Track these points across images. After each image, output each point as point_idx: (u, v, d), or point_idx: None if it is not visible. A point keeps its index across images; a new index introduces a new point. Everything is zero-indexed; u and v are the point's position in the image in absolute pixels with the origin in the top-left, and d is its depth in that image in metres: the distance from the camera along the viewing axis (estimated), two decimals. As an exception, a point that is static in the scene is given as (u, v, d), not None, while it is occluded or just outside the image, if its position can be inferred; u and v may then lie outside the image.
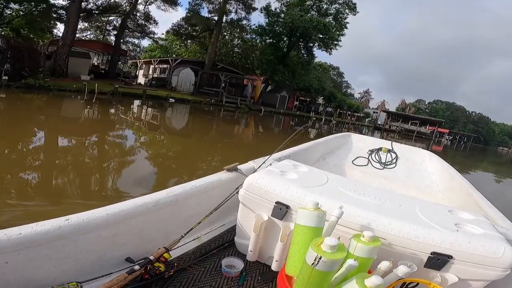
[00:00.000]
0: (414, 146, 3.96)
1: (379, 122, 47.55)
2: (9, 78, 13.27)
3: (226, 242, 1.63)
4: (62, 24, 21.26)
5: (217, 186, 1.69)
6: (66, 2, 20.96)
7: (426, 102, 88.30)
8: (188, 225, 1.46)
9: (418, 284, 1.10)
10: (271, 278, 1.39)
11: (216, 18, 29.67)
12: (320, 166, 2.93)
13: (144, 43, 44.91)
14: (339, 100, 47.21)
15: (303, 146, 2.97)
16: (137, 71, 35.31)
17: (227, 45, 35.64)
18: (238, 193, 1.48)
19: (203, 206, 1.60)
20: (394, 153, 3.54)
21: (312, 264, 0.93)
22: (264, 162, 1.93)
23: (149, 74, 31.20)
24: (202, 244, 1.60)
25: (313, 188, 1.40)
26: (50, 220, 1.07)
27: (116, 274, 1.15)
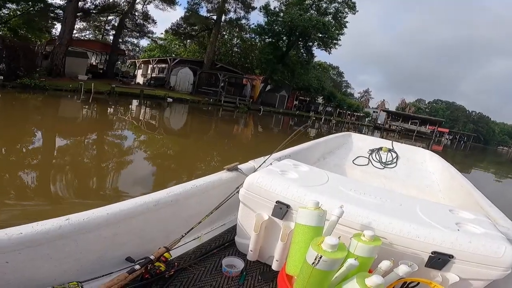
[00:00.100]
0: (414, 145, 3.96)
1: (379, 122, 47.49)
2: (4, 78, 13.15)
3: (226, 242, 1.63)
4: (60, 23, 21.02)
5: (217, 186, 1.69)
6: (63, 2, 20.76)
7: (426, 102, 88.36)
8: (188, 224, 1.46)
9: (418, 283, 1.10)
10: (272, 278, 1.39)
11: (215, 17, 29.46)
12: (320, 166, 2.93)
13: (143, 43, 44.78)
14: (339, 99, 47.08)
15: (304, 146, 2.97)
16: (135, 71, 35.00)
17: (226, 44, 35.35)
18: (238, 192, 1.48)
19: (204, 205, 1.60)
20: (395, 152, 3.54)
21: (312, 263, 0.93)
22: (264, 162, 1.93)
23: (147, 73, 30.89)
24: (203, 243, 1.60)
25: (313, 187, 1.40)
26: (51, 219, 1.07)
27: (116, 273, 1.15)
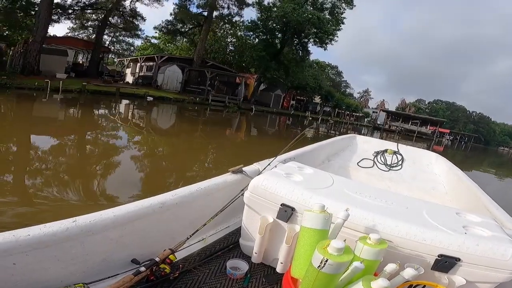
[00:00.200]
0: (415, 146, 3.95)
1: (379, 122, 47.39)
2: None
3: (231, 244, 1.63)
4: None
5: (222, 188, 1.70)
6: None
7: (426, 102, 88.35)
8: (193, 226, 1.47)
9: (425, 286, 1.10)
10: (276, 280, 1.39)
11: (205, 13, 28.40)
12: (325, 168, 2.93)
13: (137, 42, 43.85)
14: (337, 99, 46.51)
15: (308, 148, 2.96)
16: (122, 69, 33.90)
17: (220, 42, 34.21)
18: (243, 195, 1.49)
19: (208, 208, 1.60)
20: (400, 155, 3.52)
21: (318, 266, 0.93)
22: (269, 164, 1.93)
23: (136, 72, 29.98)
24: (207, 245, 1.60)
25: (318, 190, 1.40)
26: (58, 221, 1.08)
27: (122, 275, 1.15)
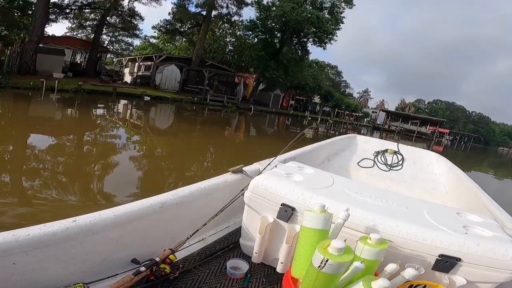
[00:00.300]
0: (414, 146, 3.96)
1: (378, 122, 47.36)
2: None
3: (231, 244, 1.63)
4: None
5: (222, 188, 1.70)
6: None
7: (426, 102, 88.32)
8: (193, 226, 1.47)
9: (425, 286, 1.10)
10: (276, 280, 1.39)
11: (204, 13, 28.25)
12: (325, 168, 2.92)
13: (136, 42, 43.60)
14: (336, 99, 46.46)
15: (308, 148, 2.95)
16: (120, 69, 33.71)
17: (219, 41, 33.98)
18: (243, 195, 1.49)
19: (209, 207, 1.60)
20: (400, 154, 3.52)
21: (318, 266, 0.93)
22: (269, 164, 1.93)
23: (134, 72, 29.92)
24: (207, 245, 1.60)
25: (319, 190, 1.40)
26: (58, 221, 1.08)
27: (122, 275, 1.15)
